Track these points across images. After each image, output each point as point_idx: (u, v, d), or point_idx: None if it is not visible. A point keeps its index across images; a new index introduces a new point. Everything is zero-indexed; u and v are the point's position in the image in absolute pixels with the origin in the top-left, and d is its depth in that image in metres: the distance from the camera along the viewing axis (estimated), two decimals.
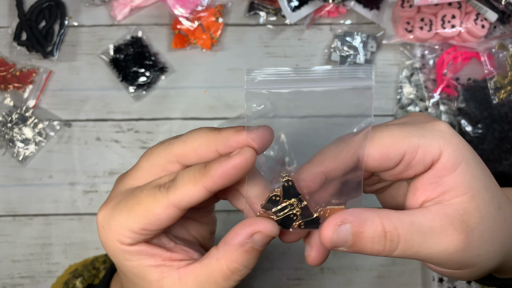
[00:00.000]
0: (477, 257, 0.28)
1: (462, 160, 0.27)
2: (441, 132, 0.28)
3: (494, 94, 0.56)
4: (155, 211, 0.28)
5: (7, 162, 0.58)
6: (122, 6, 0.59)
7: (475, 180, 0.27)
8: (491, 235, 0.28)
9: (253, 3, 0.60)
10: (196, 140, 0.29)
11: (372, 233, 0.26)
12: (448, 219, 0.27)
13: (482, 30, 0.56)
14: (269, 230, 0.27)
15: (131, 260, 0.29)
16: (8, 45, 0.60)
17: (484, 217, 0.27)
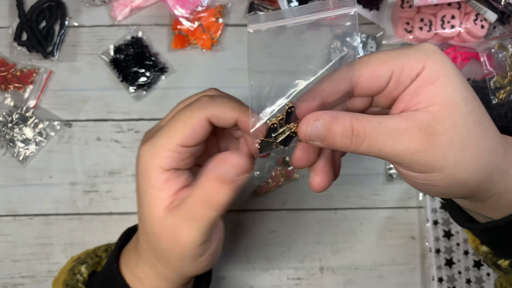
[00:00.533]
0: (443, 161, 0.29)
1: (442, 74, 0.29)
2: (424, 50, 0.30)
3: (494, 94, 0.56)
4: (192, 122, 0.33)
5: (8, 162, 0.58)
6: (122, 7, 0.60)
7: (453, 92, 0.29)
8: (463, 144, 0.29)
9: (253, 4, 0.60)
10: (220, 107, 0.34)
11: (341, 128, 0.29)
12: (414, 122, 0.29)
13: (482, 30, 0.57)
14: (236, 162, 0.31)
15: (156, 188, 0.33)
16: (8, 45, 0.60)
17: (457, 126, 0.29)
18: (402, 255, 0.58)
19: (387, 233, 0.58)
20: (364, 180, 0.59)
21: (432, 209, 0.57)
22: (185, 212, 0.32)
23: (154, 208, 0.33)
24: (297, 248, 0.57)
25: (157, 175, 0.33)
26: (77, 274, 0.41)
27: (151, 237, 0.35)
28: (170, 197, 0.33)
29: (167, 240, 0.33)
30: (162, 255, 0.35)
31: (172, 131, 0.33)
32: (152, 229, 0.34)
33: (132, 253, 0.39)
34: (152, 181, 0.33)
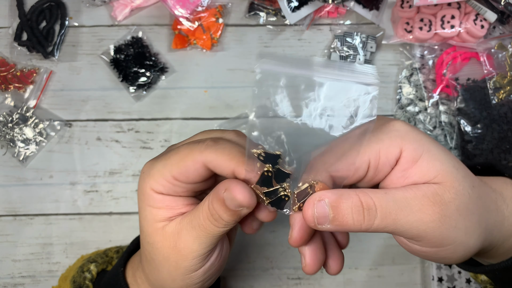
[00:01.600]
0: (455, 230, 0.29)
1: (422, 151, 0.29)
2: (397, 132, 0.30)
3: (494, 94, 0.56)
4: (187, 162, 0.31)
5: (8, 162, 0.58)
6: (122, 7, 0.60)
7: (441, 163, 0.29)
8: (468, 210, 0.29)
9: (253, 4, 0.60)
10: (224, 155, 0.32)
11: (350, 204, 0.28)
12: (421, 192, 0.28)
13: (482, 30, 0.57)
14: (238, 196, 0.29)
15: (152, 206, 0.32)
16: (8, 45, 0.60)
17: (459, 193, 0.29)
18: (402, 255, 0.58)
19: None
20: None
21: None
22: (192, 220, 0.32)
23: (151, 222, 0.33)
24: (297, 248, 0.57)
25: (151, 195, 0.33)
26: (86, 271, 0.42)
27: (147, 247, 0.34)
28: (169, 213, 0.33)
29: (165, 247, 0.33)
30: (155, 265, 0.34)
31: (169, 163, 0.32)
32: (149, 239, 0.33)
33: (138, 258, 0.39)
34: (147, 200, 0.33)
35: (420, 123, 0.58)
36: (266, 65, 0.30)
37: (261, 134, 0.29)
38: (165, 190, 0.32)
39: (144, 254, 0.35)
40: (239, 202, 0.30)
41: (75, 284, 0.41)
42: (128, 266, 0.40)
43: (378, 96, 0.62)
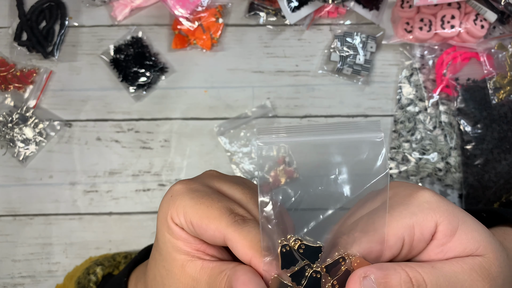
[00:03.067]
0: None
1: (458, 223, 0.28)
2: (428, 204, 0.28)
3: (494, 94, 0.56)
4: (209, 225, 0.29)
5: (8, 162, 0.58)
6: (122, 7, 0.60)
7: (479, 234, 0.28)
8: (509, 282, 0.28)
9: (253, 4, 0.60)
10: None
11: (398, 280, 0.26)
12: (468, 265, 0.27)
13: (482, 30, 0.57)
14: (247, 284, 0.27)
15: (170, 235, 0.31)
16: (8, 45, 0.60)
17: (503, 265, 0.28)
18: None
19: None
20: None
21: None
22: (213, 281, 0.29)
23: (171, 249, 0.31)
24: None
25: (170, 224, 0.31)
26: (91, 274, 0.41)
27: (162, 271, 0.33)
28: (186, 247, 0.31)
29: (182, 283, 0.31)
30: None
31: (196, 209, 0.30)
32: (168, 266, 0.32)
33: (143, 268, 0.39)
34: (167, 228, 0.31)
35: (420, 123, 0.58)
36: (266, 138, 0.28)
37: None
38: (182, 226, 0.31)
39: (154, 272, 0.34)
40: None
41: (80, 285, 0.41)
42: (132, 275, 0.40)
43: (378, 96, 0.62)
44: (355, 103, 0.59)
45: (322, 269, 0.27)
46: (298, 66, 0.60)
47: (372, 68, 0.60)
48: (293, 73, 0.60)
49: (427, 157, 0.57)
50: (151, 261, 0.35)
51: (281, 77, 0.60)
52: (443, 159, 0.57)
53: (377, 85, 0.60)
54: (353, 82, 0.60)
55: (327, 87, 0.60)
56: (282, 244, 0.26)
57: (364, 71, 0.59)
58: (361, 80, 0.59)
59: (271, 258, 0.27)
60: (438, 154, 0.57)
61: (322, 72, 0.60)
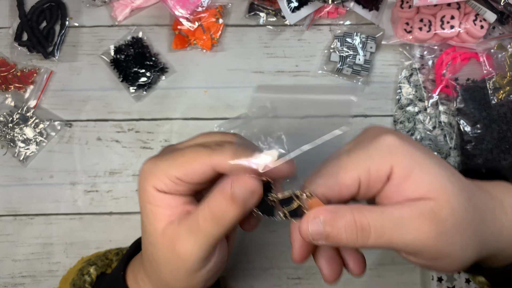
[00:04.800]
0: (451, 246, 0.29)
1: (414, 165, 0.29)
2: (387, 147, 0.30)
3: (493, 95, 0.56)
4: (194, 165, 0.32)
5: (8, 162, 0.58)
6: (122, 7, 0.60)
7: (435, 177, 0.29)
8: (464, 225, 0.29)
9: (253, 4, 0.60)
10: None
11: (343, 223, 0.29)
12: (418, 210, 0.28)
13: (481, 30, 0.57)
14: (249, 184, 0.31)
15: (151, 204, 0.33)
16: (9, 45, 0.60)
17: (455, 209, 0.28)
18: None
19: None
20: None
21: None
22: (190, 224, 0.32)
23: (152, 220, 0.33)
24: None
25: (152, 192, 0.33)
26: (86, 275, 0.42)
27: (149, 248, 0.34)
28: (168, 212, 0.33)
29: (165, 250, 0.33)
30: (157, 266, 0.34)
31: (176, 163, 0.33)
32: (151, 239, 0.34)
33: (139, 260, 0.39)
34: (148, 197, 0.33)
35: (420, 123, 0.58)
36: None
37: (261, 134, 0.31)
38: (167, 189, 0.33)
39: (146, 254, 0.35)
40: (250, 188, 0.31)
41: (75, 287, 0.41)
42: (128, 270, 0.40)
43: (377, 96, 0.62)
44: (354, 103, 0.59)
45: (276, 199, 0.32)
46: (298, 66, 0.60)
47: (372, 68, 0.60)
48: (293, 73, 0.60)
49: None
50: (142, 247, 0.36)
51: (281, 77, 0.60)
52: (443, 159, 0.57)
53: (376, 85, 0.60)
54: (353, 82, 0.60)
55: None
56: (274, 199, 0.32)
57: (364, 71, 0.59)
58: (360, 80, 0.59)
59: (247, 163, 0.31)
60: (437, 154, 0.57)
61: (322, 72, 0.60)
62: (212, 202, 0.32)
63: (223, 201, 0.31)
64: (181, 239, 0.32)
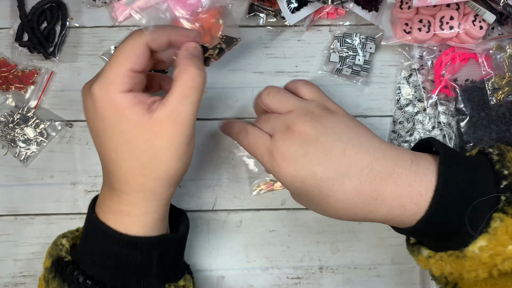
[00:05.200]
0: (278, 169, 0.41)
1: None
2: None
3: (492, 95, 0.57)
4: (135, 50, 0.38)
5: (9, 162, 0.58)
6: (123, 8, 0.60)
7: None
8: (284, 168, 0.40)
9: (253, 5, 0.60)
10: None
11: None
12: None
13: (480, 31, 0.57)
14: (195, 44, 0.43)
15: (129, 106, 0.37)
16: (9, 46, 0.60)
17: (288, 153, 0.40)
18: (401, 254, 0.58)
19: (386, 232, 0.58)
20: None
21: None
22: (181, 91, 0.38)
23: (136, 119, 0.37)
24: (296, 248, 0.58)
25: (121, 97, 0.37)
26: (59, 245, 0.43)
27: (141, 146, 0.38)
28: (145, 107, 0.38)
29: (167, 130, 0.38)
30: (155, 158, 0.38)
31: (121, 60, 0.37)
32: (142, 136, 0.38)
33: (110, 197, 0.41)
34: (121, 104, 0.37)
35: (419, 124, 0.59)
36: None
37: None
38: (130, 86, 0.37)
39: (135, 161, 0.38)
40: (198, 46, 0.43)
41: (53, 257, 0.42)
42: (100, 213, 0.42)
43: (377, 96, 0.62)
44: (354, 104, 0.60)
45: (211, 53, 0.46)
46: (298, 66, 0.61)
47: (371, 69, 0.60)
48: (293, 74, 0.60)
49: None
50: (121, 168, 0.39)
51: (281, 78, 0.60)
52: None
53: (376, 85, 0.60)
54: (353, 83, 0.60)
55: (327, 87, 0.60)
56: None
57: (364, 72, 0.59)
58: (360, 81, 0.60)
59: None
60: None
61: (321, 73, 0.60)
62: (186, 73, 0.39)
63: (193, 70, 0.39)
64: (180, 108, 0.38)
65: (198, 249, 0.57)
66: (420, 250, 0.42)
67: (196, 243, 0.58)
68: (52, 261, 0.42)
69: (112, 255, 0.40)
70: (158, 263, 0.41)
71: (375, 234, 0.58)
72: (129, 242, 0.39)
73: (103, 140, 0.39)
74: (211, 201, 0.58)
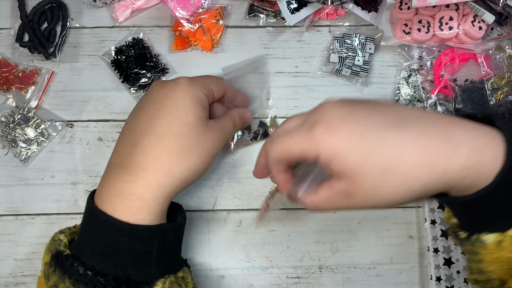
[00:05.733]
0: (369, 204, 0.38)
1: (333, 156, 0.36)
2: (317, 137, 0.37)
3: (491, 95, 0.57)
4: (220, 82, 0.49)
5: (10, 162, 0.58)
6: (123, 8, 0.60)
7: (348, 162, 0.36)
8: (377, 188, 0.36)
9: (253, 6, 0.60)
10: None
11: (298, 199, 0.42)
12: (334, 190, 0.38)
13: (480, 31, 0.57)
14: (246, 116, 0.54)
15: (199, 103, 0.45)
16: (10, 46, 0.60)
17: (364, 184, 0.36)
18: (400, 254, 0.58)
19: (386, 232, 0.58)
20: None
21: (430, 208, 0.58)
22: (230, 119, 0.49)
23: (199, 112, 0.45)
24: (296, 247, 0.58)
25: (203, 96, 0.45)
26: (57, 240, 0.43)
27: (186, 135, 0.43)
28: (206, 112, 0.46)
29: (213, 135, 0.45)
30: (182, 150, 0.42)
31: (208, 80, 0.47)
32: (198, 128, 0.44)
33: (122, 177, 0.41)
34: (199, 98, 0.45)
35: None
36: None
37: None
38: (202, 100, 0.45)
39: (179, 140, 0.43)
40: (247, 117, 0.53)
41: (52, 252, 0.42)
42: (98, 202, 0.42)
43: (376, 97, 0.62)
44: None
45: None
46: (298, 67, 0.61)
47: (371, 69, 0.60)
48: (293, 74, 0.61)
49: None
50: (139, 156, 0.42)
51: (281, 78, 0.60)
52: None
53: (375, 86, 0.60)
54: (352, 83, 0.60)
55: (326, 88, 0.60)
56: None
57: (363, 72, 0.59)
58: (360, 81, 0.60)
59: None
60: None
61: (321, 73, 0.60)
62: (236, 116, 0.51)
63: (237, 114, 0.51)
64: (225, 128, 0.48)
65: (198, 249, 0.58)
66: (483, 238, 0.37)
67: (196, 243, 0.58)
68: (52, 255, 0.42)
69: (113, 243, 0.40)
70: (158, 253, 0.41)
71: (375, 233, 0.58)
72: (129, 230, 0.39)
73: (153, 112, 0.43)
74: (211, 201, 0.58)
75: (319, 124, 0.37)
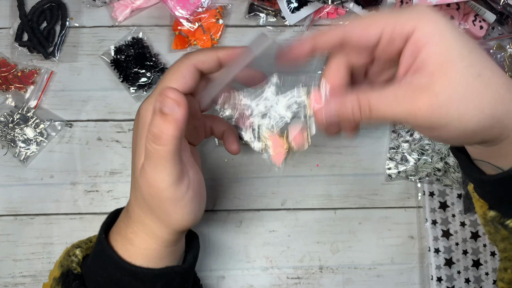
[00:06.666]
0: (447, 117, 0.30)
1: (434, 33, 0.31)
2: (416, 11, 0.31)
3: None
4: (180, 71, 0.37)
5: (9, 162, 0.58)
6: (123, 8, 0.60)
7: (447, 50, 0.30)
8: (464, 98, 0.30)
9: (253, 5, 0.60)
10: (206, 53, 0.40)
11: (350, 110, 0.33)
12: (411, 87, 0.31)
13: (481, 31, 0.57)
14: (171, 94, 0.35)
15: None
16: (9, 46, 0.60)
17: (453, 82, 0.30)
18: (401, 254, 0.58)
19: (386, 232, 0.58)
20: (363, 180, 0.59)
21: (431, 209, 0.58)
22: (147, 155, 0.34)
23: (138, 160, 0.36)
24: (296, 248, 0.58)
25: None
26: (72, 256, 0.43)
27: (137, 190, 0.37)
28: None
29: (146, 187, 0.36)
30: (146, 205, 0.37)
31: (165, 82, 0.37)
32: (137, 181, 0.37)
33: (123, 219, 0.40)
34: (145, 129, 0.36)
35: None
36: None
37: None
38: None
39: (136, 201, 0.38)
40: (172, 97, 0.33)
41: (63, 268, 0.42)
42: (112, 234, 0.41)
43: None
44: None
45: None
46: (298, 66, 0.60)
47: None
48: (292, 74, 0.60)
49: (426, 157, 0.57)
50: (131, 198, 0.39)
51: None
52: (442, 159, 0.57)
53: None
54: None
55: None
56: None
57: None
58: None
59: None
60: (436, 154, 0.57)
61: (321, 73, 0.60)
62: (150, 125, 0.34)
63: (157, 120, 0.33)
64: (149, 172, 0.35)
65: None
66: None
67: None
68: (62, 272, 0.41)
69: (115, 280, 0.39)
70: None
71: (375, 234, 0.58)
72: (131, 271, 0.38)
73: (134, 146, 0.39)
74: (211, 201, 0.58)
75: (421, 5, 0.32)
